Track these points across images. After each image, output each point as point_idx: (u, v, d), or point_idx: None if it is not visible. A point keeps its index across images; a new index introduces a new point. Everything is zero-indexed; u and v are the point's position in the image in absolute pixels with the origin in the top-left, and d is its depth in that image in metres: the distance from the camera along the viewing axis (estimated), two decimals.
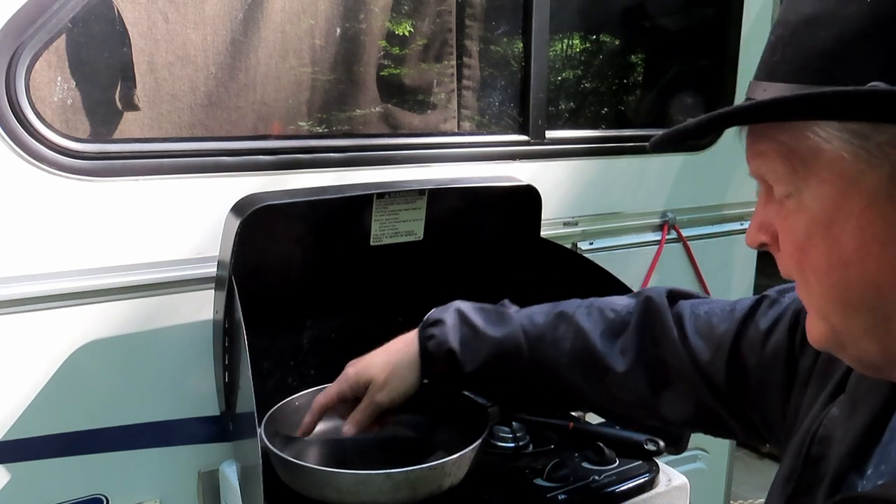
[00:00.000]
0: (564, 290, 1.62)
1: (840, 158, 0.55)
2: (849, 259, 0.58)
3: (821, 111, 0.55)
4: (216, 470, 1.44)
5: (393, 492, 1.15)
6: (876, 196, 0.55)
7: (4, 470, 1.27)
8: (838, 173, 0.56)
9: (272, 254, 1.32)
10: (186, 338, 1.39)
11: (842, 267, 0.58)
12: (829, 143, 0.56)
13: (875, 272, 0.57)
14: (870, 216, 0.56)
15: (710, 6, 2.24)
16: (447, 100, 1.75)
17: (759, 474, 3.48)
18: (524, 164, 1.79)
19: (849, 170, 0.55)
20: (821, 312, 0.63)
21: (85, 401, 1.32)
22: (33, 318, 1.25)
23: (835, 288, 0.60)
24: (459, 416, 1.37)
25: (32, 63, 1.20)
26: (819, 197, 0.58)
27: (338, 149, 1.53)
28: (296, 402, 1.39)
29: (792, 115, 0.57)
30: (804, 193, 0.59)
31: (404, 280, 1.52)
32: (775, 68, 0.60)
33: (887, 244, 0.56)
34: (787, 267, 0.64)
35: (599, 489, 1.28)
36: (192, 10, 1.36)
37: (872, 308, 0.59)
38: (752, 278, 2.41)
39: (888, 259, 0.56)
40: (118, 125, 1.34)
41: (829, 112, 0.55)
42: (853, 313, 0.60)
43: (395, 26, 1.66)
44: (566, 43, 2.11)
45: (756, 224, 0.67)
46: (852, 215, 0.56)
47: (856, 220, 0.56)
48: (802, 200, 0.60)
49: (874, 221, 0.56)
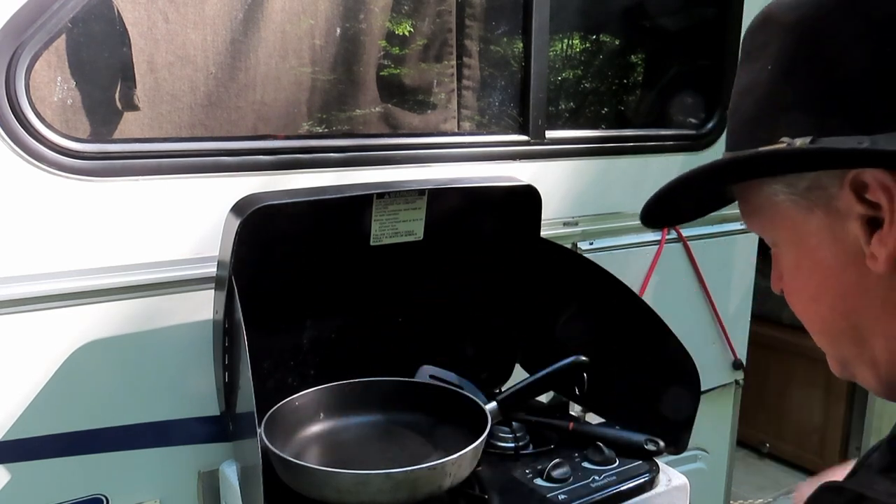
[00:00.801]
0: (564, 290, 1.63)
1: (787, 207, 0.63)
2: (816, 295, 0.65)
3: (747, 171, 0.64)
4: (216, 470, 1.44)
5: (393, 492, 1.15)
6: (821, 234, 0.61)
7: (4, 470, 1.27)
8: (790, 220, 0.63)
9: (272, 254, 1.32)
10: (186, 338, 1.39)
11: (814, 303, 0.65)
12: (776, 195, 0.63)
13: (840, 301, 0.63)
14: (821, 254, 0.62)
15: (710, 6, 2.24)
16: (447, 100, 1.75)
17: (759, 474, 3.49)
18: (524, 164, 1.79)
19: (796, 216, 0.62)
20: (822, 346, 0.69)
21: (85, 401, 1.32)
22: (33, 318, 1.25)
23: (816, 322, 0.67)
24: (459, 416, 1.37)
25: (32, 63, 1.20)
26: (785, 242, 0.66)
27: (338, 149, 1.53)
28: (296, 402, 1.40)
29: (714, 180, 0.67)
30: (779, 242, 0.67)
31: (404, 280, 1.52)
32: (728, 140, 0.68)
33: (840, 274, 0.61)
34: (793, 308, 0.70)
35: (599, 489, 1.28)
36: (192, 10, 1.36)
37: (851, 336, 0.64)
38: (752, 278, 2.41)
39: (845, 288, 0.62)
40: (118, 125, 1.34)
41: (754, 171, 0.63)
42: (839, 343, 0.66)
43: (395, 26, 1.66)
44: (566, 43, 2.11)
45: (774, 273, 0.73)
46: (808, 255, 0.63)
47: (811, 258, 0.63)
48: (780, 248, 0.68)
49: (826, 257, 0.62)
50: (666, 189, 0.68)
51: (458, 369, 1.60)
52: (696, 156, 2.13)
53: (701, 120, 2.21)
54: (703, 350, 2.16)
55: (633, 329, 1.48)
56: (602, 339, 1.52)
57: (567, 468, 1.31)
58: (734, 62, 2.16)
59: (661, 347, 1.41)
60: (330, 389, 1.45)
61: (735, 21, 2.16)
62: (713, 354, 2.34)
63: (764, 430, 3.54)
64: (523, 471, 1.34)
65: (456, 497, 1.26)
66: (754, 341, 2.50)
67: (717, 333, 2.33)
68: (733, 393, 2.47)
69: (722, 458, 2.50)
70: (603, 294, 1.52)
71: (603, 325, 1.54)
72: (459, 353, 1.64)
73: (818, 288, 0.64)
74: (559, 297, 1.63)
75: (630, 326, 1.49)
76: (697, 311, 2.26)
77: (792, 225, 0.63)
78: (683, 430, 1.40)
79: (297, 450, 1.34)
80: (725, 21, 2.17)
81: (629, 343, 1.49)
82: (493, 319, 1.66)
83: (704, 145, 2.16)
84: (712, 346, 2.33)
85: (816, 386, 3.38)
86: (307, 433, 1.41)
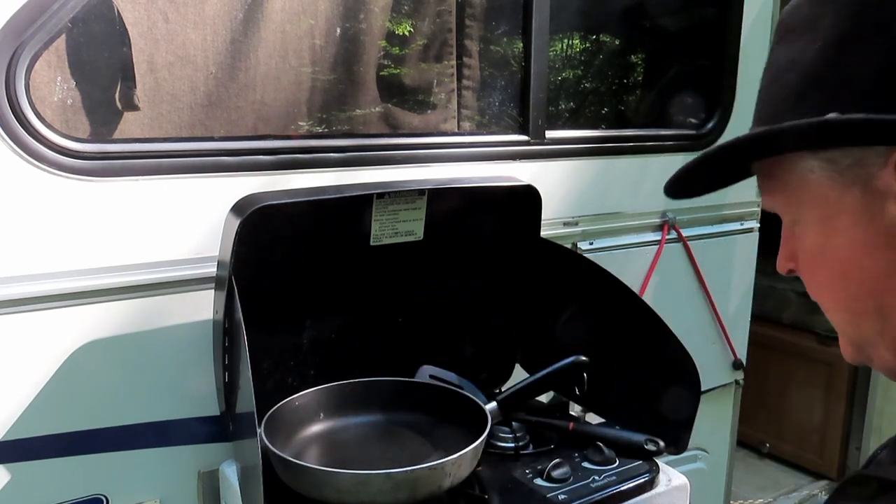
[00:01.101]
0: (564, 290, 1.63)
1: (821, 184, 0.63)
2: (845, 272, 0.64)
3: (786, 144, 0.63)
4: (216, 470, 1.44)
5: (393, 492, 1.15)
6: (856, 213, 0.61)
7: (4, 470, 1.27)
8: (823, 197, 0.63)
9: (272, 254, 1.32)
10: (186, 338, 1.39)
11: (842, 280, 0.65)
12: (811, 172, 0.63)
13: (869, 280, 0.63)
14: (855, 232, 0.62)
15: (710, 6, 2.24)
16: (447, 100, 1.75)
17: (759, 474, 3.49)
18: (524, 164, 1.79)
19: (830, 193, 0.62)
20: (841, 327, 0.69)
21: (85, 401, 1.32)
22: (33, 318, 1.25)
23: (841, 300, 0.67)
24: (459, 416, 1.37)
25: (32, 63, 1.20)
26: (813, 222, 0.66)
27: (338, 149, 1.53)
28: (296, 402, 1.40)
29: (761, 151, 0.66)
30: (804, 220, 0.67)
31: (404, 280, 1.52)
32: (762, 112, 0.68)
33: (874, 253, 0.62)
34: (809, 288, 0.70)
35: (599, 489, 1.28)
36: (192, 10, 1.36)
37: (875, 314, 0.64)
38: (751, 278, 2.41)
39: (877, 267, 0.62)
40: (118, 125, 1.34)
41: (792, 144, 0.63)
42: (861, 322, 0.66)
43: (395, 26, 1.66)
44: (566, 43, 2.11)
45: (783, 253, 0.73)
46: (841, 233, 0.63)
47: (844, 236, 0.63)
48: (804, 226, 0.67)
49: (859, 235, 0.62)
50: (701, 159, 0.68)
51: (458, 369, 1.60)
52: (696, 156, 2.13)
53: (701, 120, 2.21)
54: (703, 350, 2.16)
55: (633, 329, 1.48)
56: (602, 339, 1.52)
57: (567, 468, 1.31)
58: (734, 62, 2.17)
59: (661, 347, 1.41)
60: (330, 389, 1.45)
61: (735, 21, 2.15)
62: (713, 354, 2.34)
63: (764, 430, 3.54)
64: (523, 471, 1.34)
65: (456, 497, 1.26)
66: (754, 341, 2.50)
67: (717, 333, 2.33)
68: (733, 393, 2.47)
69: (722, 458, 2.50)
70: (603, 294, 1.52)
71: (603, 325, 1.54)
72: (459, 353, 1.64)
73: (848, 266, 0.64)
74: (559, 297, 1.63)
75: (630, 326, 1.49)
76: (697, 311, 2.26)
77: (824, 202, 0.63)
78: (683, 430, 1.40)
79: (297, 450, 1.34)
80: (725, 21, 2.17)
81: (629, 343, 1.49)
82: (493, 319, 1.66)
83: (704, 145, 2.15)
84: (712, 346, 2.33)
85: (816, 386, 3.38)
86: (307, 433, 1.41)
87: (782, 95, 0.64)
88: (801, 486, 3.39)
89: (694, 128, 2.20)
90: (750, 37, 2.18)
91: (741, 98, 2.19)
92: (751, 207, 2.34)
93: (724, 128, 2.19)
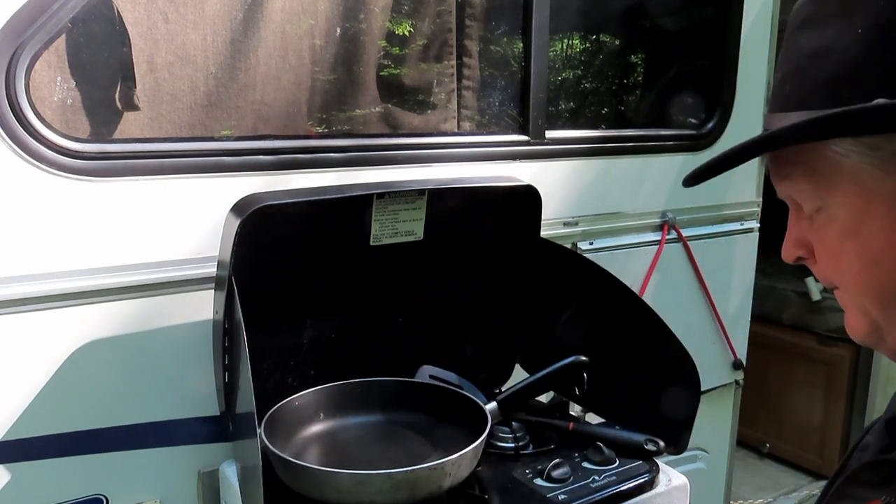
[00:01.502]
0: (564, 290, 1.63)
1: (859, 170, 0.62)
2: (879, 258, 0.64)
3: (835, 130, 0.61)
4: (216, 470, 1.44)
5: (393, 492, 1.15)
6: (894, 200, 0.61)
7: (4, 470, 1.27)
8: (860, 183, 0.63)
9: (272, 254, 1.32)
10: (186, 338, 1.39)
11: (874, 266, 0.65)
12: (847, 157, 0.62)
13: None
14: (892, 218, 0.62)
15: (710, 6, 2.24)
16: (447, 100, 1.75)
17: (759, 474, 3.49)
18: (524, 164, 1.79)
19: (868, 179, 0.62)
20: (861, 309, 0.69)
21: (85, 401, 1.32)
22: (33, 318, 1.25)
23: (871, 285, 0.66)
24: (459, 416, 1.37)
25: (32, 63, 1.20)
26: (845, 207, 0.65)
27: (338, 149, 1.53)
28: (296, 402, 1.40)
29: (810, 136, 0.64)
30: (832, 206, 0.66)
31: (404, 280, 1.52)
32: (787, 100, 0.66)
33: None
34: (825, 274, 0.70)
35: (599, 489, 1.28)
36: (192, 10, 1.36)
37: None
38: (751, 278, 2.41)
39: None
40: (118, 125, 1.34)
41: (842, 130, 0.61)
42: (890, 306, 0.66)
43: (395, 26, 1.66)
44: (566, 43, 2.11)
45: (790, 241, 0.73)
46: (877, 219, 0.63)
47: (880, 222, 0.63)
48: (831, 212, 0.66)
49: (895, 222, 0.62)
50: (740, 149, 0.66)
51: (458, 369, 1.60)
52: (696, 156, 2.13)
53: (701, 120, 2.21)
54: (703, 350, 2.16)
55: (633, 329, 1.48)
56: (602, 339, 1.52)
57: (567, 468, 1.31)
58: (734, 62, 2.17)
59: (661, 347, 1.41)
60: (330, 389, 1.45)
61: (735, 21, 2.15)
62: (713, 354, 2.34)
63: (764, 430, 3.54)
64: (523, 471, 1.34)
65: (456, 497, 1.26)
66: (754, 341, 2.51)
67: (717, 333, 2.33)
68: (733, 393, 2.47)
69: (722, 458, 2.50)
70: (603, 294, 1.52)
71: (603, 325, 1.54)
72: (459, 353, 1.64)
73: (883, 252, 0.64)
74: (559, 297, 1.63)
75: (630, 326, 1.49)
76: (697, 311, 2.26)
77: (860, 188, 0.63)
78: (683, 430, 1.40)
79: (297, 450, 1.34)
80: (725, 21, 2.17)
81: (629, 343, 1.49)
82: (493, 319, 1.66)
83: (704, 145, 2.16)
84: (712, 346, 2.33)
85: (816, 386, 3.38)
86: (307, 433, 1.41)
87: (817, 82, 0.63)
88: (801, 486, 3.39)
89: (694, 128, 2.20)
90: (750, 37, 2.18)
91: (741, 98, 2.19)
92: (751, 207, 2.35)
93: (725, 128, 2.19)
